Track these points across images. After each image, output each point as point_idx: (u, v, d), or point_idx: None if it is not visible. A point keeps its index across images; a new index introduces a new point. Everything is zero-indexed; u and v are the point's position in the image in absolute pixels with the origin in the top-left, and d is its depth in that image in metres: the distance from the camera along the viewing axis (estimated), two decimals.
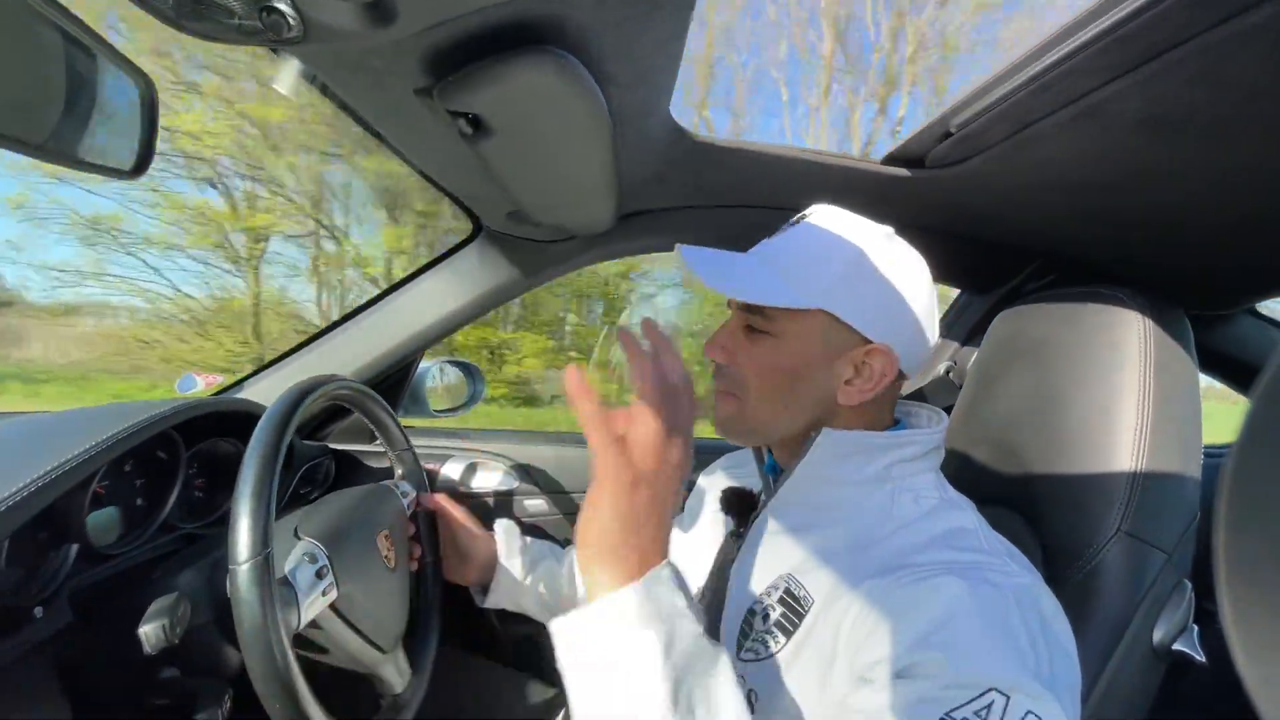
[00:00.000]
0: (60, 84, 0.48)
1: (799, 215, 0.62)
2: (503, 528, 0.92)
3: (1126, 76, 0.52)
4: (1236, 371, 1.11)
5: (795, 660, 0.52)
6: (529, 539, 0.94)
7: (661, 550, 0.45)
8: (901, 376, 0.59)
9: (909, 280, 0.59)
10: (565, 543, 1.02)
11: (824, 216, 0.60)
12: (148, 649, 0.56)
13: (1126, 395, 0.70)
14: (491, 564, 0.89)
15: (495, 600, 0.89)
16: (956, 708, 0.40)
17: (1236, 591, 0.14)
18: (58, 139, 0.48)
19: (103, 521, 0.72)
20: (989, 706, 0.39)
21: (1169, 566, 0.66)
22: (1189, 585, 0.68)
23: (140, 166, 0.48)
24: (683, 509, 0.90)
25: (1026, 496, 0.80)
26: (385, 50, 0.50)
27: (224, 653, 0.67)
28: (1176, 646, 0.65)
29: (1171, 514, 0.68)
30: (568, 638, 0.43)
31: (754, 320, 0.59)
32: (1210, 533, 0.15)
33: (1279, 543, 0.13)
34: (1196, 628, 0.66)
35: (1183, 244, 0.79)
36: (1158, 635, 0.65)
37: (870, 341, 0.57)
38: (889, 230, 0.60)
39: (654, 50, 0.57)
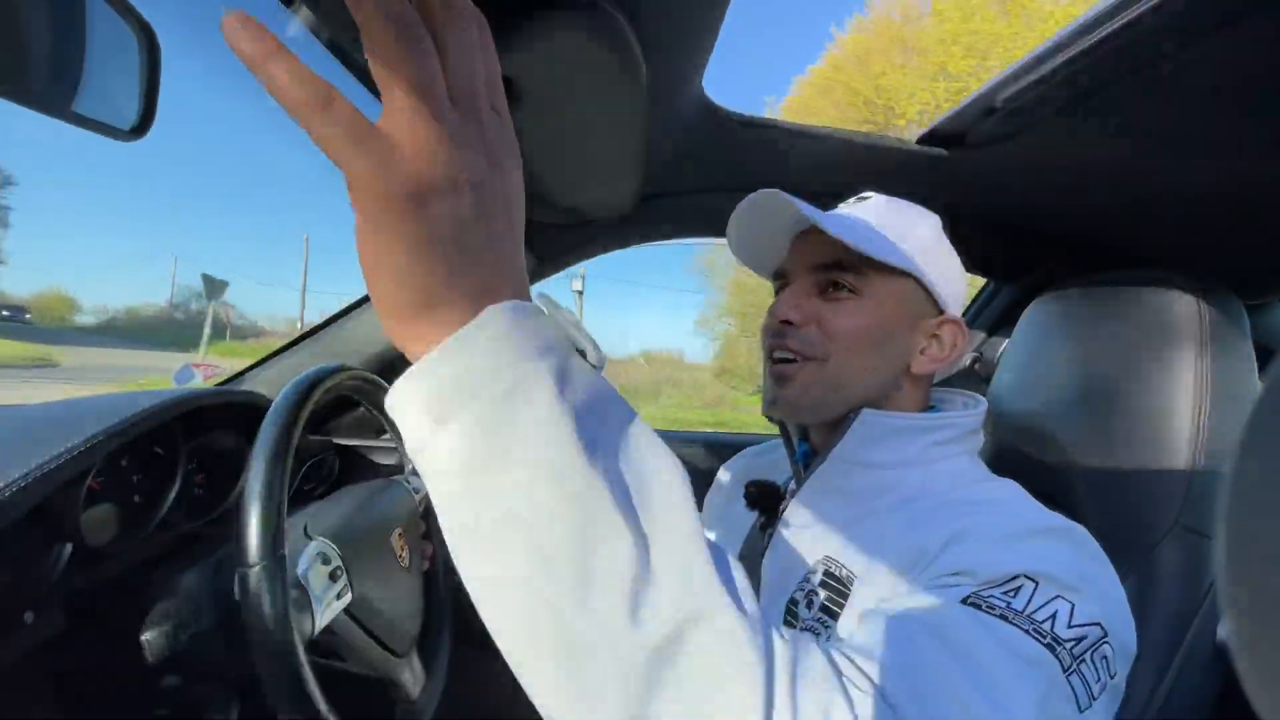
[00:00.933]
0: (53, 31, 0.43)
1: (859, 196, 0.63)
2: None
3: (1204, 41, 0.49)
4: (1268, 363, 1.08)
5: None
6: None
7: (520, 285, 0.29)
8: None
9: (961, 267, 0.62)
10: None
11: (886, 198, 0.62)
12: (150, 657, 0.52)
13: (1183, 384, 0.67)
14: None
15: None
16: (984, 588, 0.40)
17: (1241, 608, 0.13)
18: (52, 90, 0.44)
19: (98, 519, 0.68)
20: (1018, 590, 0.40)
21: None
22: None
23: (141, 127, 0.43)
24: (701, 506, 0.86)
25: (1068, 489, 0.77)
26: None
27: (230, 659, 0.63)
28: None
29: None
30: (411, 398, 0.27)
31: (842, 278, 0.57)
32: None
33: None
34: None
35: (1240, 225, 0.76)
36: (1222, 633, 0.62)
37: (943, 312, 0.58)
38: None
39: (695, 14, 0.53)
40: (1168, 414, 0.67)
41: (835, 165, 0.85)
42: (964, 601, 0.39)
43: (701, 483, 0.87)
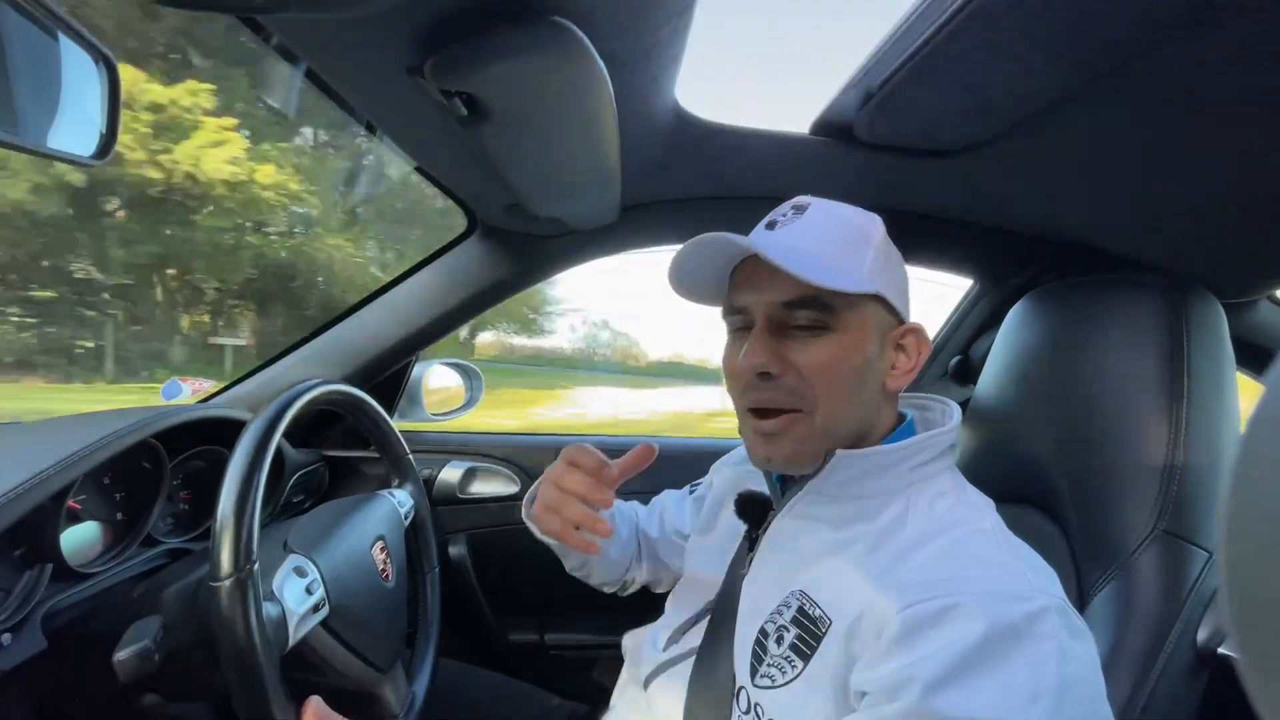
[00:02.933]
0: (22, 67, 0.44)
1: (794, 205, 0.58)
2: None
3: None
4: (1256, 360, 1.08)
5: (815, 685, 0.49)
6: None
7: None
8: None
9: (903, 265, 0.60)
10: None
11: (826, 205, 0.57)
12: (123, 678, 0.52)
13: (1161, 386, 0.67)
14: None
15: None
16: None
17: (1247, 620, 0.13)
18: (22, 126, 0.45)
19: (79, 538, 0.68)
20: None
21: (1211, 566, 0.63)
22: None
23: (104, 151, 0.44)
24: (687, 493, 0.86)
25: (1051, 495, 0.76)
26: (373, 23, 0.46)
27: (212, 677, 0.63)
28: (1222, 650, 0.61)
29: (1211, 510, 0.65)
30: None
31: (807, 317, 0.52)
32: None
33: None
34: None
35: (1215, 227, 0.76)
36: (1202, 638, 0.62)
37: (903, 322, 0.57)
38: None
39: (660, 26, 0.53)
40: (1146, 416, 0.67)
41: (829, 172, 0.84)
42: None
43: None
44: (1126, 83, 0.54)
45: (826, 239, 0.54)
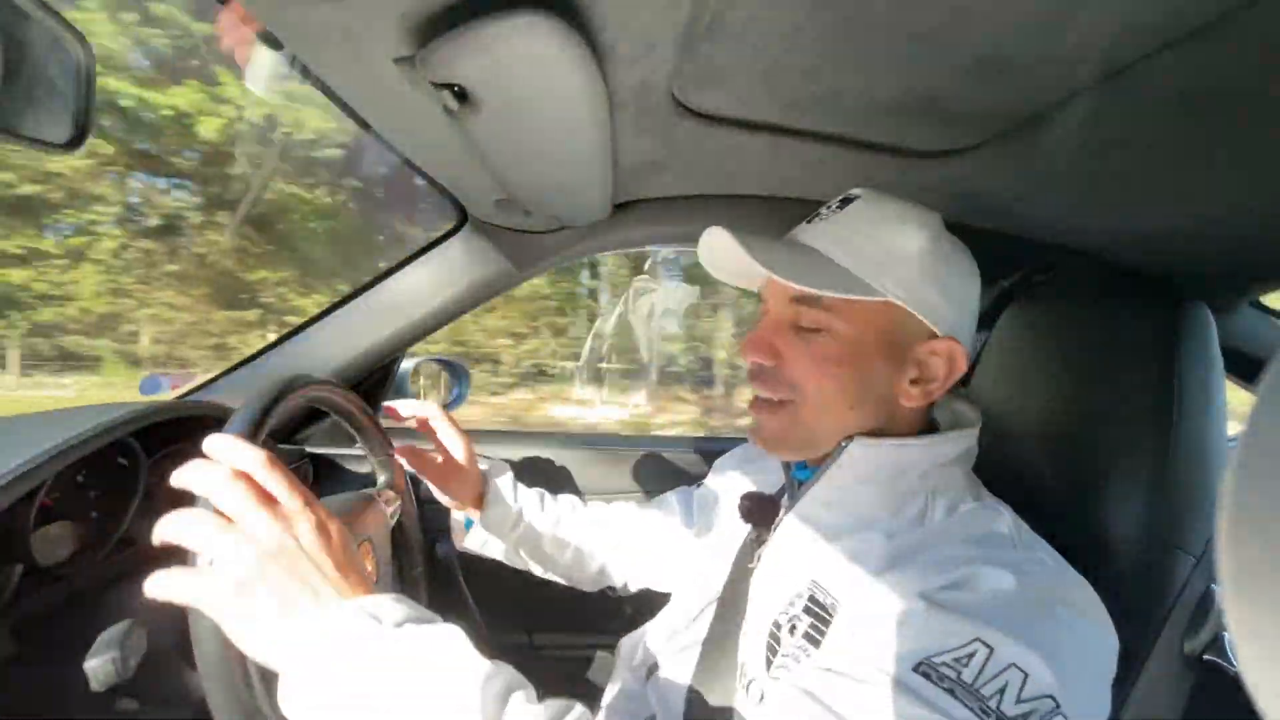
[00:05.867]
0: None
1: (843, 198, 0.57)
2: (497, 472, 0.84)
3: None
4: (1240, 365, 1.09)
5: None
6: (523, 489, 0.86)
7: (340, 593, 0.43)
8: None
9: (969, 271, 0.57)
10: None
11: (874, 200, 0.56)
12: (95, 686, 0.50)
13: (1148, 390, 0.67)
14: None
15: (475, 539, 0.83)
16: (936, 654, 0.39)
17: (1242, 607, 0.13)
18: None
19: (52, 538, 0.66)
20: (970, 657, 0.39)
21: (1198, 571, 0.63)
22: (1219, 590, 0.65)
23: (77, 139, 0.42)
24: (690, 513, 0.85)
25: (1041, 498, 0.76)
26: (361, 12, 0.44)
27: (189, 680, 0.61)
28: (1207, 656, 0.62)
29: (1199, 515, 0.65)
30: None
31: (808, 314, 0.53)
32: None
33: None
34: (1228, 635, 0.63)
35: (1206, 233, 0.76)
36: (1188, 645, 0.62)
37: (935, 335, 0.53)
38: (939, 216, 0.56)
39: (655, 19, 0.52)
40: (1134, 421, 0.67)
41: (822, 171, 0.83)
42: (915, 669, 0.39)
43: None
44: (1117, 87, 0.54)
45: (854, 236, 0.54)
